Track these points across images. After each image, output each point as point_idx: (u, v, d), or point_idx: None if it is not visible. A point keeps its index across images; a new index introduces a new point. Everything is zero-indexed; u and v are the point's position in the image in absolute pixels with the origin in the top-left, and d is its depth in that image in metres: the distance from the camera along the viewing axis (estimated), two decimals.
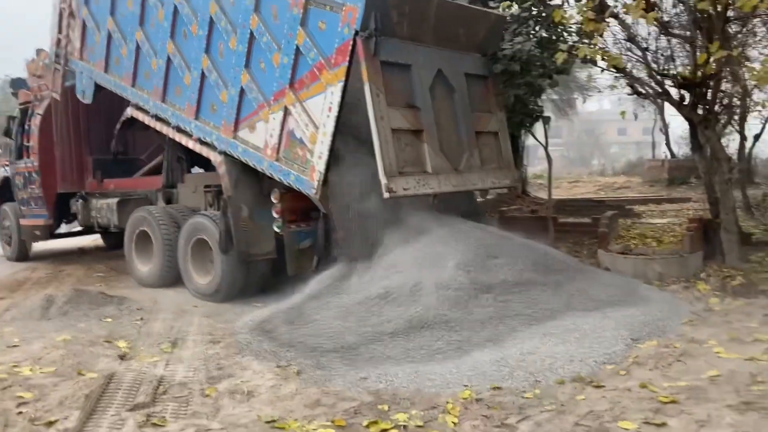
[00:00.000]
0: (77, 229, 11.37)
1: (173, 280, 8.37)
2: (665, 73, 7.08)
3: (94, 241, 13.00)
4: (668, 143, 21.18)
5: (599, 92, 17.15)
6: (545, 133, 9.13)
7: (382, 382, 4.59)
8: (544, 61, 8.13)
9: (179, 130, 8.25)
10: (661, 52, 7.76)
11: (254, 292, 7.65)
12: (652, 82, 7.37)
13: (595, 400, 4.14)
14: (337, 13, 6.27)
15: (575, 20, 6.90)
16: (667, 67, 7.68)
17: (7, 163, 11.69)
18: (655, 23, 6.33)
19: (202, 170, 9.63)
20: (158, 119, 8.55)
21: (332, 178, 6.45)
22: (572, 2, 7.69)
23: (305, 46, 6.55)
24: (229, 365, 5.08)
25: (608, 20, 6.80)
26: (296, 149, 6.72)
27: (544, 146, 9.18)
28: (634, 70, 7.28)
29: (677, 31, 7.72)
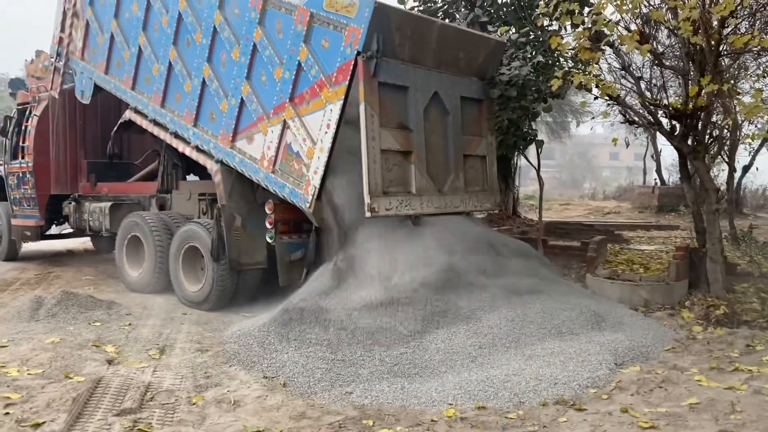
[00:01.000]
0: (68, 231, 11.37)
1: (163, 286, 8.38)
2: (657, 103, 7.21)
3: (83, 243, 12.98)
4: (659, 170, 21.39)
5: (593, 118, 17.34)
6: (537, 156, 9.25)
7: (367, 397, 4.64)
8: (539, 85, 8.25)
9: (177, 136, 8.30)
10: (654, 82, 7.90)
11: (244, 301, 7.68)
12: (644, 111, 7.50)
13: (576, 423, 4.21)
14: (340, 32, 6.35)
15: (571, 47, 7.02)
16: (659, 97, 7.82)
17: (1, 162, 11.67)
18: (648, 55, 6.46)
19: (197, 178, 9.69)
20: (156, 124, 8.61)
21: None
22: (570, 29, 7.82)
23: (307, 62, 6.62)
24: (216, 374, 5.12)
25: (604, 48, 6.94)
26: (292, 163, 6.79)
27: (536, 169, 9.29)
28: (627, 98, 7.39)
29: (671, 62, 7.87)
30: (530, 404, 4.58)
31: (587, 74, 6.84)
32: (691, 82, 7.14)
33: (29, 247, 12.04)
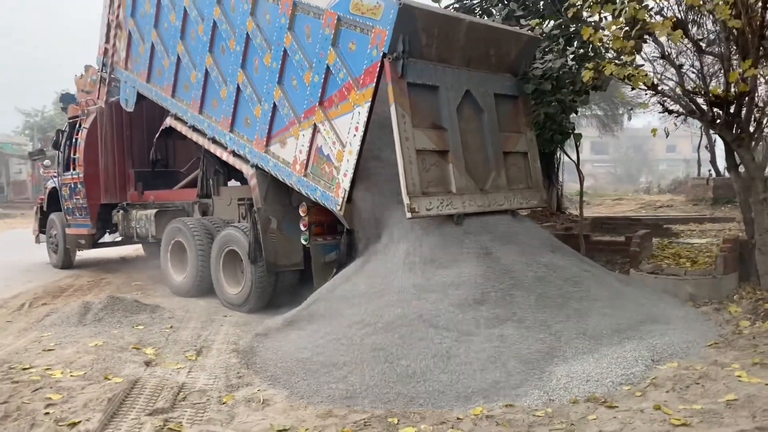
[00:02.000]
0: (120, 238, 11.77)
1: (206, 289, 8.60)
2: (696, 91, 6.96)
3: (135, 250, 13.41)
4: (713, 161, 20.55)
5: (630, 109, 16.85)
6: (577, 150, 9.07)
7: (394, 395, 4.63)
8: (574, 78, 8.09)
9: (215, 141, 8.53)
10: (694, 69, 7.64)
11: (283, 302, 7.77)
12: (684, 99, 7.25)
13: (606, 420, 4.11)
14: (366, 34, 6.39)
15: (607, 37, 6.83)
16: (702, 84, 7.55)
17: (55, 174, 12.18)
18: (681, 41, 6.25)
19: (238, 183, 9.89)
20: (195, 130, 8.86)
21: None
22: (606, 19, 7.63)
23: (335, 65, 6.69)
24: (248, 374, 5.21)
25: (645, 37, 6.73)
26: (323, 166, 6.86)
27: (575, 163, 9.11)
28: (666, 87, 7.16)
29: (713, 48, 7.59)
30: (560, 402, 4.50)
31: (620, 64, 6.67)
32: (732, 67, 6.88)
33: (84, 254, 12.54)
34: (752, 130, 7.08)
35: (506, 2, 10.78)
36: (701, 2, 6.36)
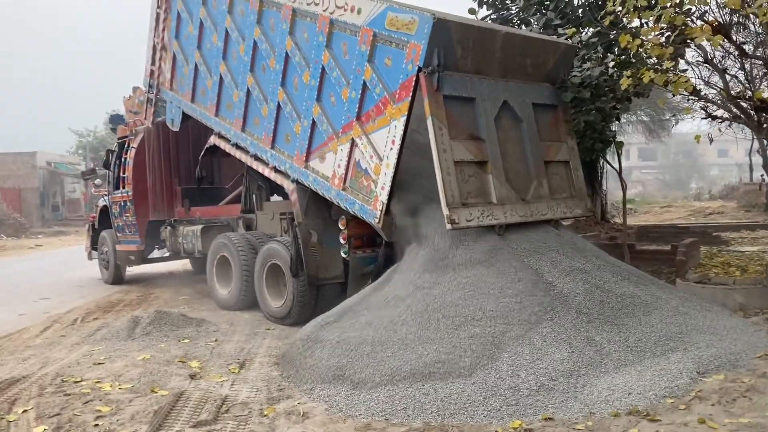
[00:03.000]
0: (168, 254, 12.08)
1: (250, 303, 8.77)
2: (740, 95, 6.81)
3: (183, 265, 13.75)
4: (766, 165, 19.98)
5: (673, 116, 16.49)
6: (618, 158, 8.94)
7: (432, 408, 4.64)
8: (614, 85, 7.99)
9: (257, 158, 8.72)
10: (740, 73, 7.47)
11: None
12: (729, 104, 7.11)
13: None
14: (401, 49, 6.46)
15: (640, 44, 6.74)
16: (751, 88, 7.39)
17: (106, 192, 12.61)
18: (720, 46, 6.14)
19: (280, 198, 10.06)
20: (238, 147, 9.08)
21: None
22: (647, 25, 7.53)
23: (372, 81, 6.78)
24: (289, 386, 5.30)
25: (688, 42, 6.63)
26: (361, 179, 6.94)
27: (618, 172, 8.98)
28: (709, 92, 7.04)
29: (758, 51, 7.42)
30: (601, 415, 4.43)
31: (661, 70, 6.57)
32: None
33: (134, 270, 12.92)
34: None
35: (544, 11, 10.74)
36: (743, 5, 6.24)
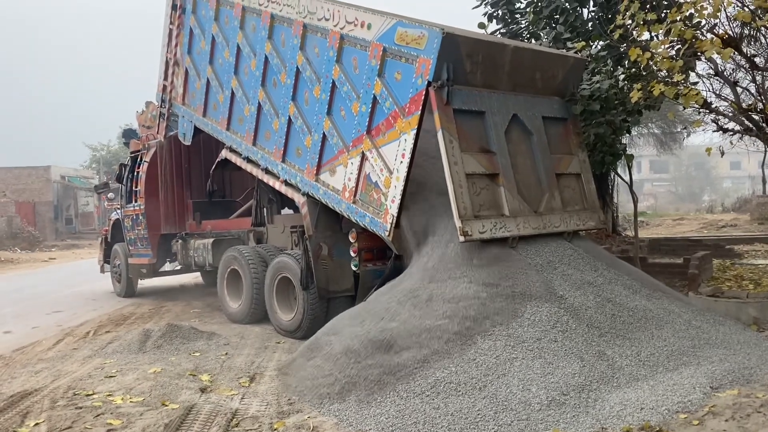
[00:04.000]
0: (179, 267, 12.14)
1: (260, 316, 8.79)
2: (751, 108, 6.79)
3: (194, 278, 13.80)
4: None
5: (684, 128, 16.42)
6: (629, 170, 8.92)
7: (442, 422, 4.62)
8: (624, 98, 7.99)
9: (268, 172, 8.77)
10: (747, 86, 7.45)
11: None
12: (740, 116, 7.08)
13: None
14: (411, 64, 6.51)
15: (650, 57, 6.73)
16: (762, 100, 7.36)
17: (118, 206, 12.71)
18: (731, 58, 6.13)
19: (291, 212, 10.10)
20: (249, 161, 9.14)
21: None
22: (656, 38, 7.53)
23: (382, 95, 6.83)
24: (299, 400, 5.29)
25: (698, 54, 6.62)
26: (372, 193, 6.97)
27: (628, 184, 8.95)
28: (719, 105, 7.01)
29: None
30: (613, 430, 4.40)
31: (671, 83, 6.57)
32: None
33: (146, 283, 12.99)
34: None
35: (553, 26, 10.78)
36: (753, 18, 6.24)
